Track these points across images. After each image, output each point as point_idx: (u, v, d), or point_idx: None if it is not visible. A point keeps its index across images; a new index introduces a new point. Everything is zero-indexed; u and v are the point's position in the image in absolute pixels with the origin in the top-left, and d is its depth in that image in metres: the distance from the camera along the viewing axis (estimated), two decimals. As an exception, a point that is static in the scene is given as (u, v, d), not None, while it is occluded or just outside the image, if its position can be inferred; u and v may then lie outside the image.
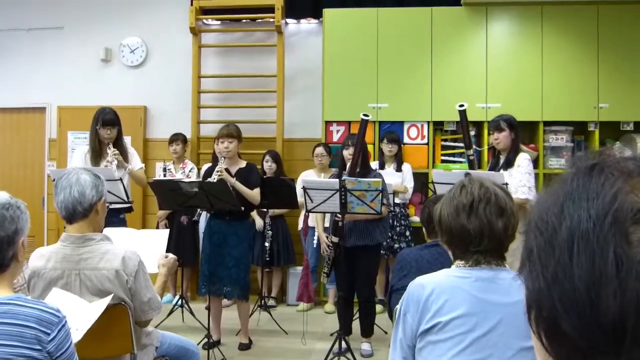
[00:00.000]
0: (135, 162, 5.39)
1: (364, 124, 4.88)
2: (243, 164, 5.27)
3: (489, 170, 4.98)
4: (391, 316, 3.10)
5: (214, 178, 4.86)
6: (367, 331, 5.15)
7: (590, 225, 0.64)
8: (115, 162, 5.09)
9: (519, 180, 4.65)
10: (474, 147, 5.09)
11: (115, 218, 5.14)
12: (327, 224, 5.31)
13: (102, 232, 2.88)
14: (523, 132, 6.64)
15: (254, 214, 6.36)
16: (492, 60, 6.67)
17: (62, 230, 2.81)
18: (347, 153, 5.10)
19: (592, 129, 6.60)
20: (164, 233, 3.57)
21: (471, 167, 4.91)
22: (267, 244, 6.36)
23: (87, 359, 2.53)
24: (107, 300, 2.60)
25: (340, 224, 4.79)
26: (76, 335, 2.37)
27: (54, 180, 4.55)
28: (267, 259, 6.39)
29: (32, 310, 1.99)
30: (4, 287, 2.05)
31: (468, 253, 2.00)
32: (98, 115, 5.22)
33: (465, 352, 1.91)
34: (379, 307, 5.91)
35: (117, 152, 5.12)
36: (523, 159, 4.78)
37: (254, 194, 5.12)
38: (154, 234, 3.67)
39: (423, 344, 1.97)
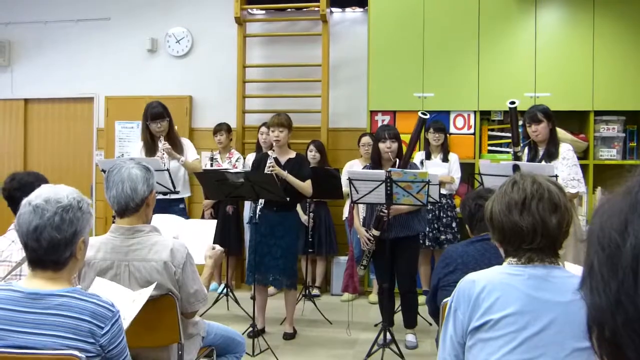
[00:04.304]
0: (191, 154, 5.44)
1: (420, 122, 4.83)
2: (293, 154, 5.27)
3: (528, 162, 4.88)
4: (436, 313, 3.02)
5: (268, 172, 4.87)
6: (410, 322, 5.12)
7: None
8: (166, 155, 5.14)
9: (568, 174, 4.58)
10: (522, 144, 4.99)
11: (176, 207, 5.21)
12: (362, 215, 5.26)
13: (150, 222, 2.90)
14: (573, 122, 6.49)
15: (298, 208, 6.34)
16: (541, 48, 6.50)
17: (110, 218, 2.85)
18: (385, 146, 4.87)
19: (645, 118, 6.40)
20: (212, 224, 3.55)
21: None
22: (309, 224, 6.32)
23: (136, 349, 2.57)
24: (150, 289, 2.62)
25: (385, 218, 4.73)
26: (123, 324, 2.40)
27: (102, 170, 4.63)
28: (310, 250, 6.38)
29: (88, 303, 2.02)
30: (62, 281, 2.09)
31: (521, 250, 1.96)
32: (146, 110, 5.28)
33: (517, 350, 1.87)
34: (422, 298, 5.85)
35: (167, 145, 5.17)
36: (567, 150, 4.70)
37: (306, 186, 5.13)
38: (202, 224, 3.66)
39: (473, 341, 1.94)
